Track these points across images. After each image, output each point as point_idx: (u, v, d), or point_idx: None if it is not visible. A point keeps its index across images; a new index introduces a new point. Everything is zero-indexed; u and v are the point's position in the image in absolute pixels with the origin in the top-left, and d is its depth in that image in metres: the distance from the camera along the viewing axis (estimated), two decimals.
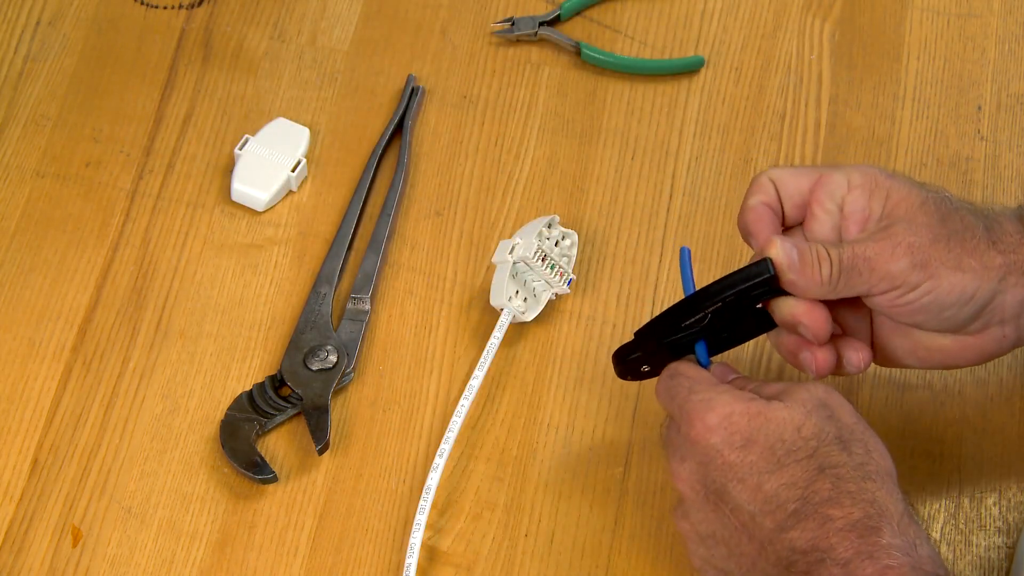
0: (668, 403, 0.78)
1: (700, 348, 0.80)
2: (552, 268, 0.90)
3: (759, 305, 0.79)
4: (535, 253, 0.90)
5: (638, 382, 0.88)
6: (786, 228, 0.81)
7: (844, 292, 0.77)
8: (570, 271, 0.92)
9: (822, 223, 0.79)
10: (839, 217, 0.79)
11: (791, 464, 0.71)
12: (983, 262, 0.76)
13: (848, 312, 0.80)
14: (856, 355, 0.79)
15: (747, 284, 0.77)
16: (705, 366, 0.80)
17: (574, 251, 0.93)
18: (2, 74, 1.00)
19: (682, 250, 0.80)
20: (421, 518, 0.84)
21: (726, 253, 0.95)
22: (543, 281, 0.91)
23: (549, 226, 0.92)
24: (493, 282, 0.91)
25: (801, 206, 0.80)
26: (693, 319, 0.78)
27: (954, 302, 0.76)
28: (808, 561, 0.70)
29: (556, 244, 0.92)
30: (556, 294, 0.92)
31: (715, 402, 0.74)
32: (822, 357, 0.78)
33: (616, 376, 0.84)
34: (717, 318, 0.78)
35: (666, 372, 0.79)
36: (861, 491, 0.70)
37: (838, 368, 0.80)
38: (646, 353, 0.81)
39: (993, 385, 0.91)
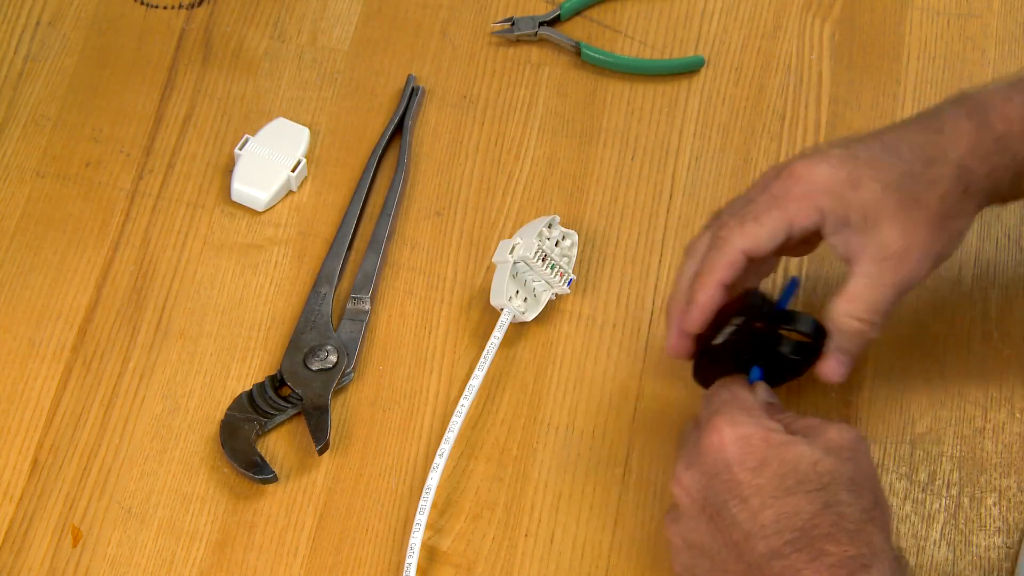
0: (704, 407, 0.79)
1: (755, 370, 0.82)
2: (552, 268, 0.90)
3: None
4: (535, 253, 0.90)
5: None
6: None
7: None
8: (570, 271, 0.92)
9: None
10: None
11: (799, 494, 0.72)
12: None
13: None
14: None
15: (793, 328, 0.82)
16: (751, 381, 0.82)
17: (574, 251, 0.93)
18: (2, 74, 1.00)
19: (793, 280, 0.87)
20: (421, 518, 0.84)
21: None
22: (543, 281, 0.91)
23: (549, 226, 0.92)
24: (493, 282, 0.91)
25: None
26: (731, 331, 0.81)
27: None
28: None
29: (556, 244, 0.92)
30: (556, 294, 0.92)
31: (739, 422, 0.75)
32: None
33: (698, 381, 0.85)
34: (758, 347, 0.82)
35: (719, 382, 0.81)
36: (860, 532, 0.71)
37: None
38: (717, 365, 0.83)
39: (993, 385, 0.91)
